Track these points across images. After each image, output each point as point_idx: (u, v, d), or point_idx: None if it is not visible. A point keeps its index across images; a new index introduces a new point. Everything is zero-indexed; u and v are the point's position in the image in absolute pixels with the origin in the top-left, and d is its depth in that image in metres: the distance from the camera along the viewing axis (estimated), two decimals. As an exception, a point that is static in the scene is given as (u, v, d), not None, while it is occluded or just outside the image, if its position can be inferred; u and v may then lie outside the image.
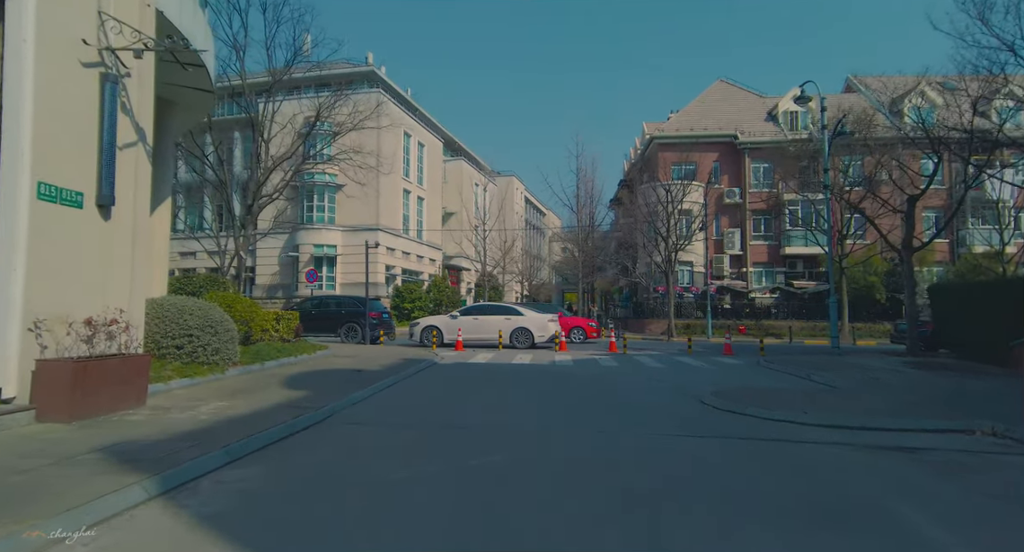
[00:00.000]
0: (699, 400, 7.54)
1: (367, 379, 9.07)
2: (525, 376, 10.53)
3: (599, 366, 12.35)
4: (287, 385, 8.22)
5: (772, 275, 32.35)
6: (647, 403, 7.47)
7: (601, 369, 11.77)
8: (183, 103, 10.04)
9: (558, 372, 11.17)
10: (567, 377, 10.29)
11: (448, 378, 10.19)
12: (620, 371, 11.45)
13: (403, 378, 9.75)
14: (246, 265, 32.66)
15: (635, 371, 11.47)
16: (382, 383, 8.74)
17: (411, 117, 38.32)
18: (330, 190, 33.63)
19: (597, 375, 10.68)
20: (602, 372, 11.22)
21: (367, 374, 9.80)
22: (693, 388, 8.77)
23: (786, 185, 31.54)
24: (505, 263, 42.83)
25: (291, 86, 23.68)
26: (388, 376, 9.48)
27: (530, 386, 9.15)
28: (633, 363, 13.07)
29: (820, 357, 13.91)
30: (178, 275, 36.76)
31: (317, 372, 9.88)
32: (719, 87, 36.54)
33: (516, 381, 9.78)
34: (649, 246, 30.31)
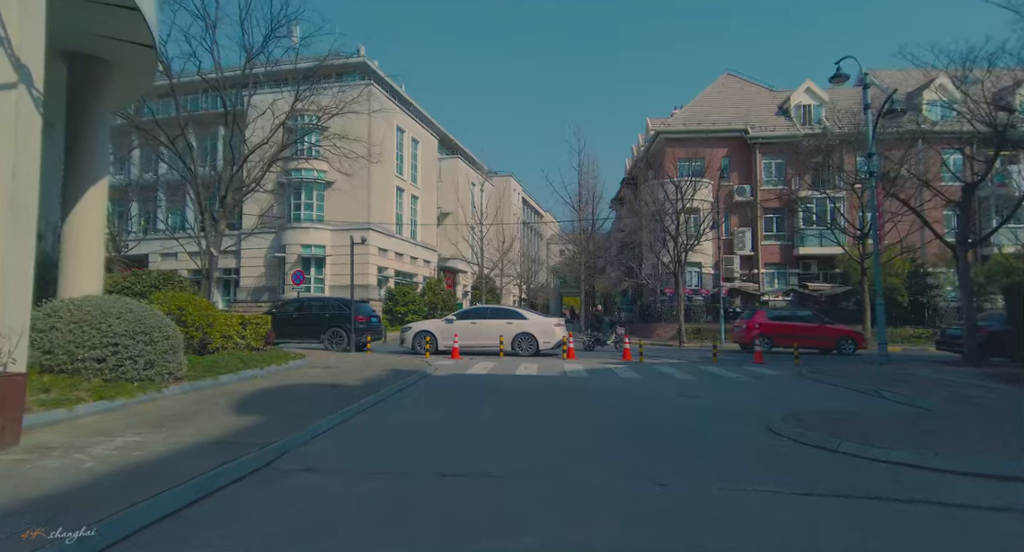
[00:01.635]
0: (766, 427, 5.85)
1: (342, 398, 7.33)
2: (535, 391, 8.81)
3: (618, 378, 10.64)
4: (237, 408, 6.47)
5: (785, 277, 30.75)
6: (700, 432, 5.76)
7: (621, 382, 10.06)
8: (119, 63, 8.32)
9: (573, 386, 9.45)
10: (585, 393, 8.57)
11: (442, 395, 8.47)
12: (645, 385, 9.74)
13: (387, 395, 8.01)
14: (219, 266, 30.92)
15: (663, 385, 9.76)
16: (359, 404, 7.00)
17: (405, 112, 36.67)
18: (319, 187, 31.90)
19: (620, 390, 8.97)
20: (624, 386, 9.51)
21: (344, 391, 8.06)
22: (746, 409, 7.08)
23: (800, 182, 30.02)
24: (503, 265, 41.12)
25: (276, 79, 21.97)
26: (368, 393, 7.75)
27: (543, 406, 7.43)
28: (656, 374, 11.36)
29: (867, 367, 12.24)
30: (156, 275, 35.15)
31: (282, 389, 8.13)
32: (726, 81, 35.05)
33: (525, 398, 8.06)
34: (656, 246, 28.69)
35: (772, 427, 5.78)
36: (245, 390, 7.80)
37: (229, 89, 15.05)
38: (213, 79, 14.99)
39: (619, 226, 41.27)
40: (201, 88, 16.45)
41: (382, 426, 6.03)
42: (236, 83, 15.94)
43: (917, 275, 26.75)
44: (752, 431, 5.74)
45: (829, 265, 30.26)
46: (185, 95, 30.09)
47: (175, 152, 14.43)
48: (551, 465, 4.52)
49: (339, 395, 7.63)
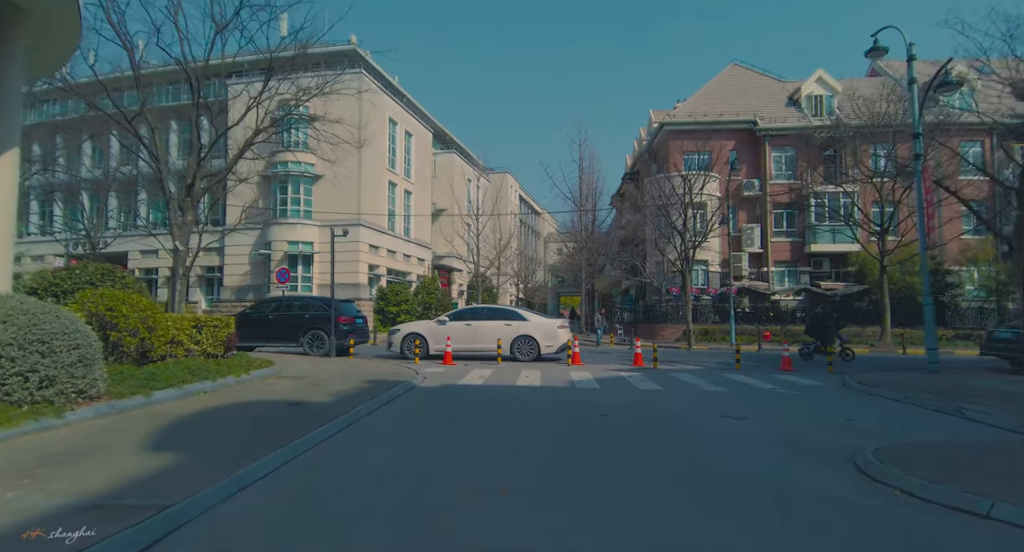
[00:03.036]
0: (856, 468, 4.38)
1: (302, 421, 5.82)
2: (541, 409, 7.30)
3: (636, 390, 9.14)
4: (155, 440, 4.95)
5: (795, 275, 29.33)
6: (776, 482, 4.24)
7: (642, 396, 8.56)
8: (34, 11, 6.78)
9: (585, 401, 7.95)
10: (601, 412, 7.06)
11: (428, 416, 6.94)
12: (670, 399, 8.25)
13: (360, 416, 6.49)
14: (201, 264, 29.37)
15: (691, 399, 8.28)
16: (321, 431, 5.49)
17: (398, 103, 35.09)
18: (306, 180, 30.31)
19: (643, 408, 7.47)
20: (646, 401, 8.01)
21: (307, 410, 6.54)
22: (814, 437, 5.60)
23: (812, 175, 28.61)
24: (500, 263, 39.58)
25: (261, 68, 20.35)
26: (337, 414, 6.23)
27: (554, 433, 5.92)
28: (677, 384, 9.87)
29: (915, 376, 10.80)
30: (137, 275, 33.48)
31: (231, 409, 6.60)
32: (733, 71, 33.62)
33: (529, 421, 6.55)
34: (661, 242, 27.22)
35: (866, 469, 4.29)
36: (181, 411, 6.26)
37: (196, 65, 13.42)
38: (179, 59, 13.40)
39: (620, 223, 39.82)
40: (177, 78, 14.77)
41: (341, 469, 4.50)
42: (210, 72, 14.34)
43: (938, 273, 25.33)
44: (842, 476, 4.24)
45: (842, 263, 28.86)
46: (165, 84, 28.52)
47: (134, 133, 12.84)
48: (578, 544, 3.02)
49: (299, 417, 6.11)
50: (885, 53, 12.31)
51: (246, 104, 14.83)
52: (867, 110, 22.24)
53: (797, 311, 27.37)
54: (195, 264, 30.92)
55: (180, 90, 29.20)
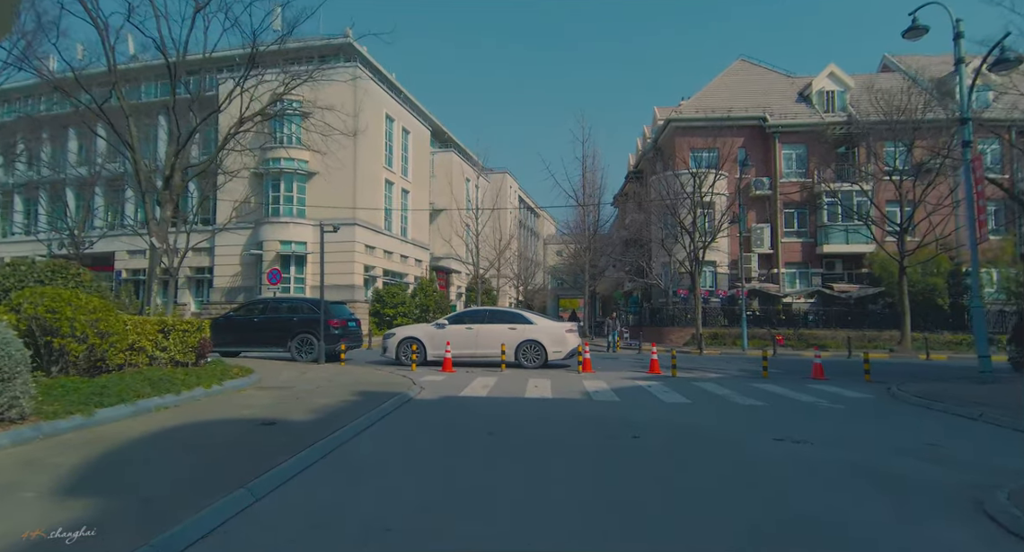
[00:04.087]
0: (985, 516, 3.32)
1: (272, 447, 4.74)
2: (559, 428, 6.23)
3: (661, 403, 8.07)
4: (73, 479, 3.85)
5: (807, 277, 28.31)
6: (887, 540, 3.18)
7: (670, 411, 7.49)
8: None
9: (608, 418, 6.88)
10: (629, 430, 5.98)
11: (423, 440, 5.84)
12: (704, 415, 7.18)
13: (342, 441, 5.40)
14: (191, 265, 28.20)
15: (729, 416, 7.21)
16: (293, 463, 4.40)
17: (395, 99, 34.04)
18: (300, 178, 29.21)
19: (677, 427, 6.40)
20: (678, 418, 6.94)
21: (281, 431, 5.46)
22: (900, 468, 4.53)
23: (823, 173, 27.64)
24: (500, 264, 38.50)
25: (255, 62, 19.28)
26: (316, 437, 5.15)
27: (582, 463, 4.83)
28: (706, 396, 8.80)
29: (970, 386, 9.70)
30: (124, 276, 32.31)
31: (187, 431, 5.51)
32: (740, 67, 32.66)
33: (549, 444, 5.47)
34: (668, 243, 26.20)
35: (1012, 526, 3.22)
36: (127, 434, 5.17)
37: (177, 48, 12.34)
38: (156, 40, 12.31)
39: (623, 224, 38.82)
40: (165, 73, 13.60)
41: (309, 522, 3.40)
42: (197, 65, 13.25)
43: (957, 275, 24.37)
44: (980, 535, 3.17)
45: (855, 264, 27.88)
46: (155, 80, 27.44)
47: (105, 119, 11.75)
48: None
49: (270, 441, 5.02)
50: (925, 33, 11.31)
51: (237, 98, 13.82)
52: (886, 104, 21.23)
53: (809, 314, 26.34)
54: (184, 265, 30.09)
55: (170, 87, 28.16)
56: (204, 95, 26.48)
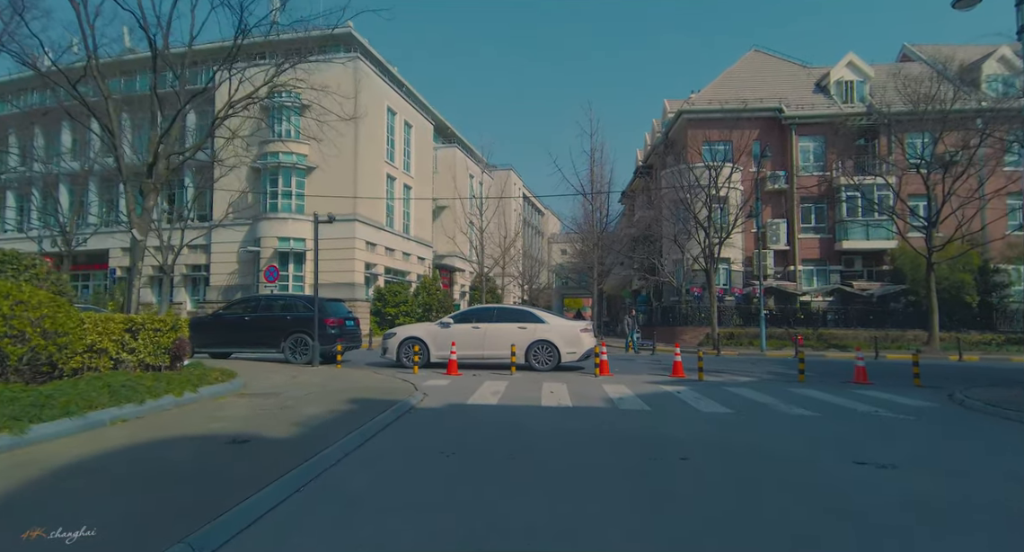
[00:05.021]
0: None
1: (237, 476, 3.75)
2: (588, 447, 5.23)
3: (699, 414, 7.05)
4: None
5: (825, 274, 27.21)
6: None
7: (713, 424, 6.47)
8: None
9: (643, 433, 5.88)
10: (674, 449, 4.99)
11: (431, 461, 4.81)
12: (756, 430, 6.17)
13: (329, 464, 4.41)
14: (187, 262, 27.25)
15: (785, 431, 6.19)
16: (259, 498, 3.41)
17: (397, 92, 33.07)
18: (298, 172, 28.25)
19: (730, 445, 5.38)
20: (727, 434, 5.93)
21: (254, 454, 4.46)
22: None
23: (842, 166, 26.56)
24: (504, 262, 37.48)
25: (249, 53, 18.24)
26: (297, 461, 4.16)
27: (625, 499, 3.82)
28: (747, 404, 7.78)
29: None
30: (119, 274, 31.39)
31: (139, 452, 4.51)
32: (754, 57, 31.57)
33: (580, 471, 4.47)
34: (681, 239, 25.17)
35: None
36: (64, 457, 4.18)
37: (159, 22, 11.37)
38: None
39: (631, 222, 37.77)
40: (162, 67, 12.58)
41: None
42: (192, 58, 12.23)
43: (985, 272, 23.26)
44: None
45: (876, 261, 26.78)
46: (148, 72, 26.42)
47: (80, 101, 10.78)
48: None
49: (236, 467, 4.04)
50: (977, 2, 10.24)
51: (234, 91, 12.86)
52: (913, 91, 20.12)
53: (828, 313, 25.25)
54: (180, 262, 29.23)
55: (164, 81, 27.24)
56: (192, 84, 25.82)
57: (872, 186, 24.98)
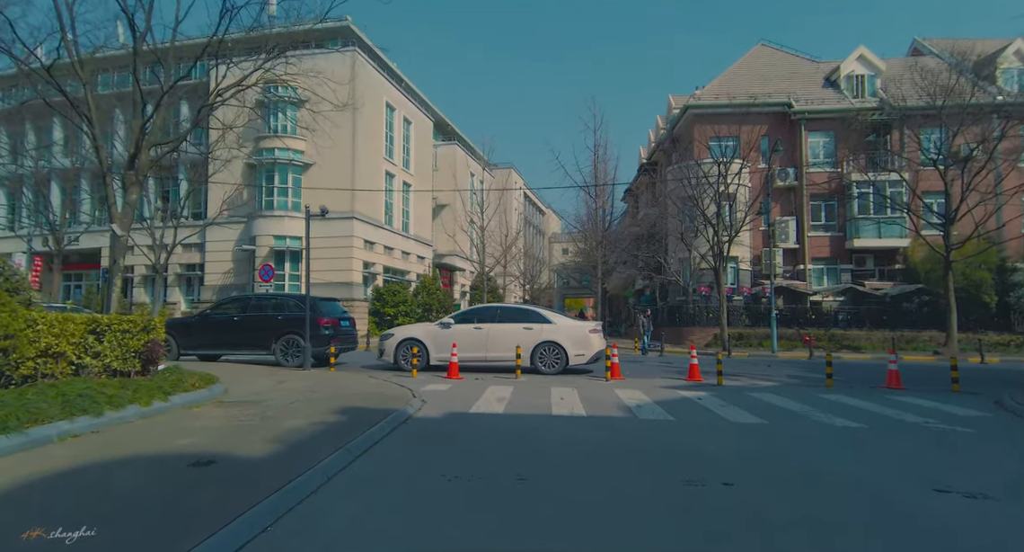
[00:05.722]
0: None
1: (191, 511, 3.03)
2: (610, 468, 4.50)
3: (728, 424, 6.33)
4: None
5: (836, 273, 26.48)
6: None
7: (747, 436, 5.75)
8: None
9: (672, 448, 5.16)
10: (713, 471, 4.27)
11: (430, 488, 4.06)
12: (796, 443, 5.46)
13: (307, 493, 3.67)
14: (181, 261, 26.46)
15: (830, 445, 5.47)
16: (208, 547, 2.68)
17: (396, 87, 32.35)
18: (295, 169, 27.53)
19: (782, 468, 4.66)
20: (767, 448, 5.22)
21: (218, 479, 3.73)
22: None
23: (854, 163, 25.84)
24: (506, 261, 36.75)
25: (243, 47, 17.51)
26: (270, 488, 3.43)
27: (671, 542, 3.10)
28: (778, 413, 7.05)
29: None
30: (111, 274, 30.60)
31: (76, 477, 3.77)
32: (761, 51, 30.84)
33: (603, 499, 3.74)
34: (688, 237, 24.44)
35: None
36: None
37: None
38: None
39: (635, 220, 37.06)
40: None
41: None
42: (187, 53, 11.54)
43: (1003, 271, 22.53)
44: None
45: (888, 260, 26.05)
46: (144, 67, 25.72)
47: (56, 86, 10.06)
48: None
49: (192, 497, 3.31)
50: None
51: (221, 77, 12.16)
52: (930, 84, 19.38)
53: (840, 313, 24.51)
54: (174, 262, 28.52)
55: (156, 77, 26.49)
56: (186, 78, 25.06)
57: (884, 183, 24.25)
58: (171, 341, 12.29)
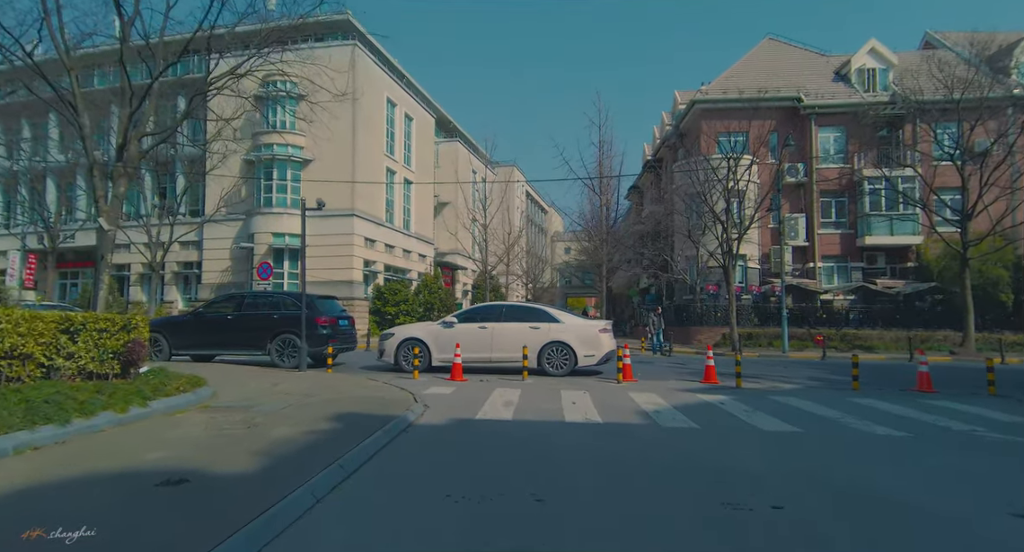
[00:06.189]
0: None
1: (145, 547, 2.50)
2: (637, 487, 3.97)
3: (763, 434, 5.80)
4: None
5: (846, 271, 25.90)
6: None
7: (784, 447, 5.22)
8: None
9: (701, 463, 4.64)
10: (755, 491, 3.75)
11: (431, 515, 3.55)
12: (845, 458, 4.93)
13: (291, 521, 3.14)
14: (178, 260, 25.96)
15: (877, 458, 4.95)
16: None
17: (397, 83, 31.83)
18: (294, 165, 27.01)
19: (834, 487, 4.12)
20: (817, 467, 4.69)
21: (184, 504, 3.20)
22: None
23: (865, 158, 25.26)
24: (509, 259, 36.20)
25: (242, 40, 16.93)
26: (247, 516, 2.90)
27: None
28: (813, 421, 6.52)
29: None
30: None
31: (23, 500, 3.26)
32: (769, 46, 30.26)
33: (635, 531, 3.21)
34: (696, 234, 23.87)
35: None
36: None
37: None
38: None
39: (639, 218, 36.48)
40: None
41: None
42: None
43: (1021, 268, 21.94)
44: None
45: (900, 257, 25.46)
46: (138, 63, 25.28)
47: (36, 70, 9.56)
48: None
49: (153, 528, 2.79)
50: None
51: (214, 66, 11.65)
52: (946, 76, 18.78)
53: (851, 312, 23.95)
54: (172, 259, 28.03)
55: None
56: (184, 72, 24.56)
57: (897, 178, 23.67)
58: (162, 341, 11.81)
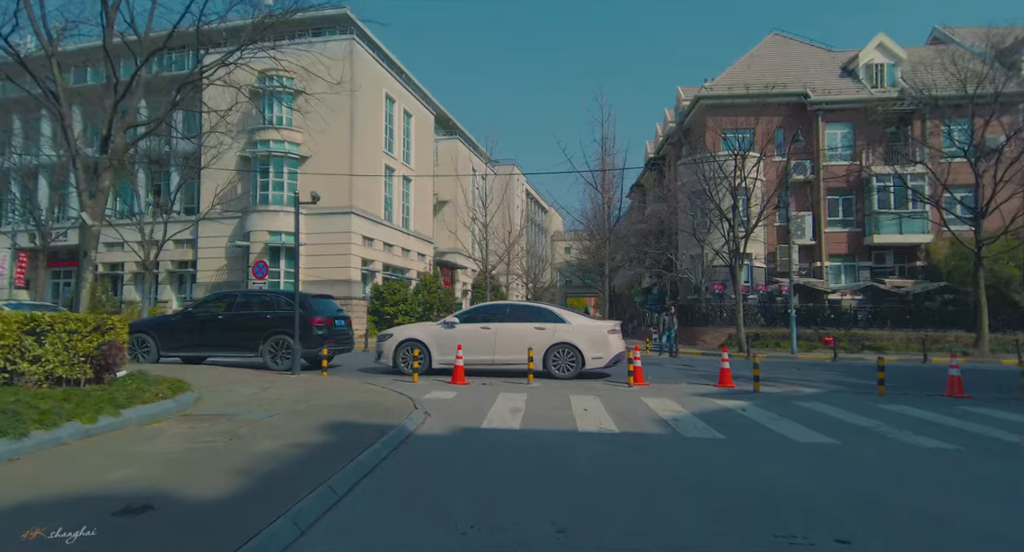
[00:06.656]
0: None
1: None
2: (668, 514, 3.45)
3: (798, 446, 5.29)
4: None
5: (853, 271, 25.41)
6: None
7: (827, 463, 4.71)
8: None
9: (736, 483, 4.14)
10: (809, 519, 3.25)
11: (436, 538, 3.03)
12: (903, 478, 4.43)
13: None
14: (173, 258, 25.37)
15: (944, 476, 4.45)
16: None
17: (396, 79, 31.30)
18: (291, 162, 26.48)
19: (903, 516, 3.60)
20: (860, 482, 4.19)
21: (144, 538, 2.68)
22: None
23: (874, 155, 24.77)
24: (509, 259, 35.68)
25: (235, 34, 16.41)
26: (235, 544, 2.40)
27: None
28: (849, 431, 6.00)
29: None
30: (101, 270, 29.63)
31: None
32: (774, 41, 29.76)
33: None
34: (701, 233, 23.38)
35: None
36: None
37: None
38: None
39: (642, 216, 35.99)
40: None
41: None
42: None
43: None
44: None
45: (909, 257, 24.97)
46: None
47: (16, 57, 9.03)
48: None
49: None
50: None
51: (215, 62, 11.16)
52: (963, 69, 18.28)
53: (859, 312, 23.46)
54: (166, 258, 27.50)
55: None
56: (180, 68, 24.03)
57: (906, 175, 23.18)
58: (150, 342, 11.29)
